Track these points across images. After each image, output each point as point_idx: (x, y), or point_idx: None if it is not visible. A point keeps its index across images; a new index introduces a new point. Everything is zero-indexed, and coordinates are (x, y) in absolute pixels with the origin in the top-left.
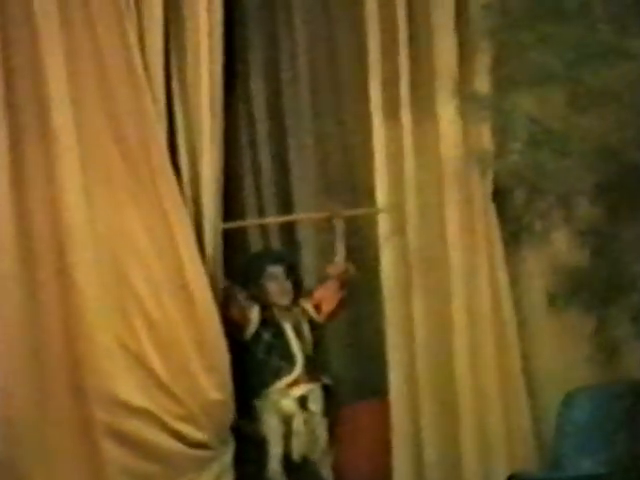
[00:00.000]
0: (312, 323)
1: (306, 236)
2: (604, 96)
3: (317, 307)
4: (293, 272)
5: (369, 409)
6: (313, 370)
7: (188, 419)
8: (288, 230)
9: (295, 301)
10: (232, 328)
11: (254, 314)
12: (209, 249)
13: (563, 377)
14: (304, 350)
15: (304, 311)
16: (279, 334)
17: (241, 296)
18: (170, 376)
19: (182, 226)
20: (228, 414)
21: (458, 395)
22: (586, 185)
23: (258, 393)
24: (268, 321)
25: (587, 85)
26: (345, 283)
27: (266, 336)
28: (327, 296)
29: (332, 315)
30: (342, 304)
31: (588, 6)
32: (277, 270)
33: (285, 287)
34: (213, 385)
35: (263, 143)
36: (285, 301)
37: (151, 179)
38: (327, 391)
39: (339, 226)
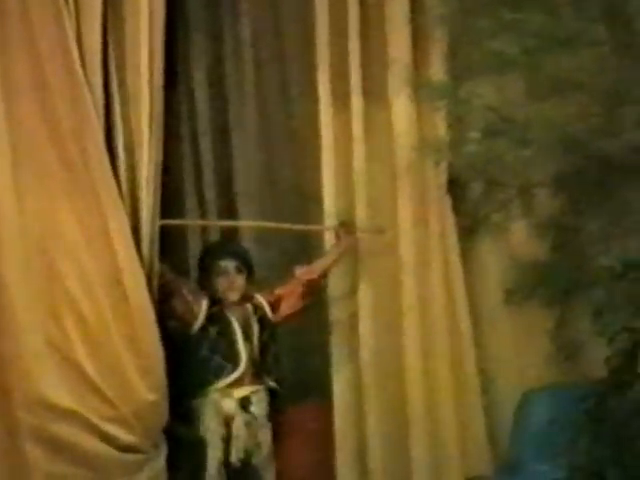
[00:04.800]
0: (262, 322)
1: (248, 240)
2: (566, 84)
3: (273, 306)
4: (247, 267)
5: (314, 411)
6: (258, 372)
7: (119, 421)
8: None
9: (248, 298)
10: (175, 323)
11: (202, 308)
12: (146, 245)
13: (521, 377)
14: (250, 350)
15: (257, 307)
16: (225, 331)
17: (187, 289)
18: (101, 376)
19: (118, 221)
20: (161, 416)
21: (407, 396)
22: (546, 176)
23: (197, 393)
24: (215, 317)
25: (548, 73)
26: (311, 293)
27: (212, 332)
28: (288, 298)
29: (287, 318)
30: (302, 311)
31: None
32: (228, 264)
33: (235, 283)
34: (146, 385)
35: (205, 137)
36: (234, 297)
37: (86, 172)
38: (272, 394)
39: (341, 241)
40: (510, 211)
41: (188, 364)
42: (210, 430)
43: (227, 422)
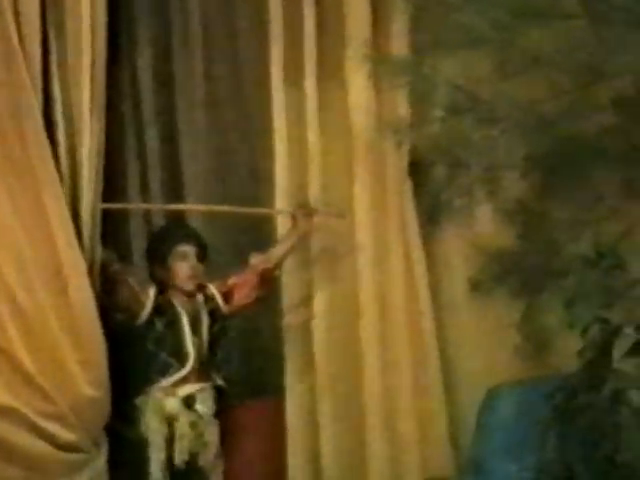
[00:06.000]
0: (213, 315)
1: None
2: (536, 60)
3: (226, 296)
4: (204, 254)
5: (266, 409)
6: (206, 369)
7: (58, 418)
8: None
9: (200, 287)
10: (121, 315)
11: (149, 298)
12: (86, 232)
13: (486, 371)
14: (198, 346)
15: (208, 298)
16: (173, 325)
17: (134, 278)
18: (39, 371)
19: (57, 205)
20: (103, 413)
21: (364, 393)
22: (514, 158)
23: (139, 390)
24: (163, 308)
25: (517, 48)
26: (266, 282)
27: (158, 326)
28: (242, 288)
29: (240, 309)
30: (256, 302)
31: None
32: (189, 250)
33: (196, 270)
34: (87, 380)
35: (150, 117)
36: (191, 286)
37: (24, 153)
38: (220, 392)
39: (299, 224)
40: (475, 195)
41: (131, 359)
42: (152, 430)
43: (170, 421)
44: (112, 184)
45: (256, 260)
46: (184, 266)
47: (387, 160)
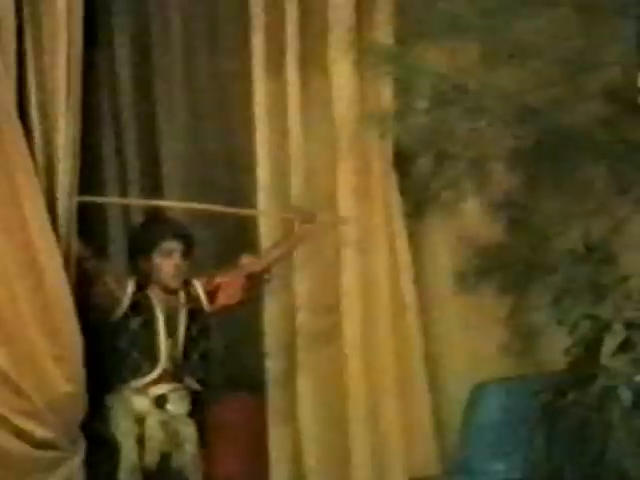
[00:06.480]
0: (193, 315)
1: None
2: (523, 49)
3: (210, 294)
4: (190, 251)
5: (244, 406)
6: (179, 372)
7: (33, 415)
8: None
9: (184, 284)
10: (94, 310)
11: (126, 293)
12: (62, 225)
13: (472, 368)
14: (172, 348)
15: (190, 295)
16: (148, 324)
17: (110, 274)
18: (14, 366)
19: (32, 197)
20: (79, 410)
21: (347, 389)
22: (501, 150)
23: (110, 388)
24: (139, 305)
25: (504, 36)
26: (253, 285)
27: (133, 324)
28: (227, 288)
29: (222, 310)
30: (239, 304)
31: None
32: (175, 247)
33: (181, 268)
34: (63, 376)
35: (128, 109)
36: (176, 284)
37: None
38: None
39: (299, 230)
40: (461, 188)
41: (105, 355)
42: (121, 430)
43: (141, 422)
44: (89, 177)
45: (246, 261)
46: (169, 264)
47: (371, 151)
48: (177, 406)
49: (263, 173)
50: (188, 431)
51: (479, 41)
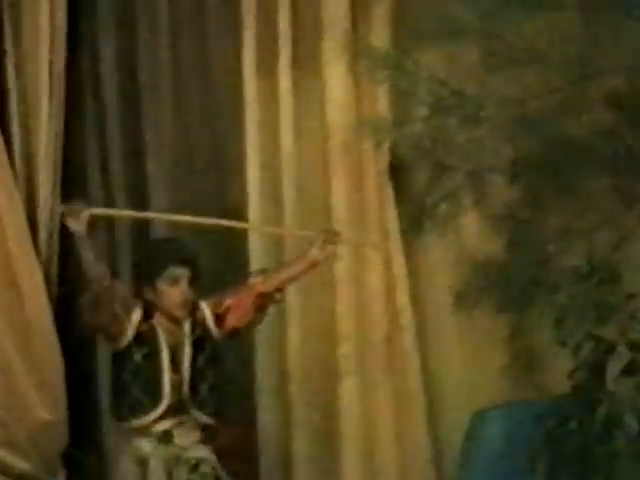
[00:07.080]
0: (199, 344)
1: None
2: (525, 54)
3: (219, 317)
4: (197, 277)
5: (235, 434)
6: (185, 404)
7: (11, 445)
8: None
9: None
10: (99, 335)
11: (132, 324)
12: (43, 239)
13: (472, 393)
14: (176, 383)
15: (196, 324)
16: (152, 357)
17: (120, 299)
18: None
19: (12, 208)
20: (60, 439)
21: (340, 418)
22: (501, 160)
23: (111, 426)
24: (144, 336)
25: (505, 41)
26: (263, 306)
27: (137, 356)
28: (236, 309)
29: (233, 333)
30: (248, 326)
31: None
32: (182, 273)
33: (187, 297)
34: (43, 404)
35: (112, 114)
36: (182, 314)
37: None
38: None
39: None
40: (460, 201)
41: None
42: (121, 473)
43: (143, 463)
44: (72, 184)
45: (255, 281)
46: (175, 292)
47: (366, 162)
48: (185, 439)
49: (253, 178)
50: (201, 453)
51: (479, 45)
